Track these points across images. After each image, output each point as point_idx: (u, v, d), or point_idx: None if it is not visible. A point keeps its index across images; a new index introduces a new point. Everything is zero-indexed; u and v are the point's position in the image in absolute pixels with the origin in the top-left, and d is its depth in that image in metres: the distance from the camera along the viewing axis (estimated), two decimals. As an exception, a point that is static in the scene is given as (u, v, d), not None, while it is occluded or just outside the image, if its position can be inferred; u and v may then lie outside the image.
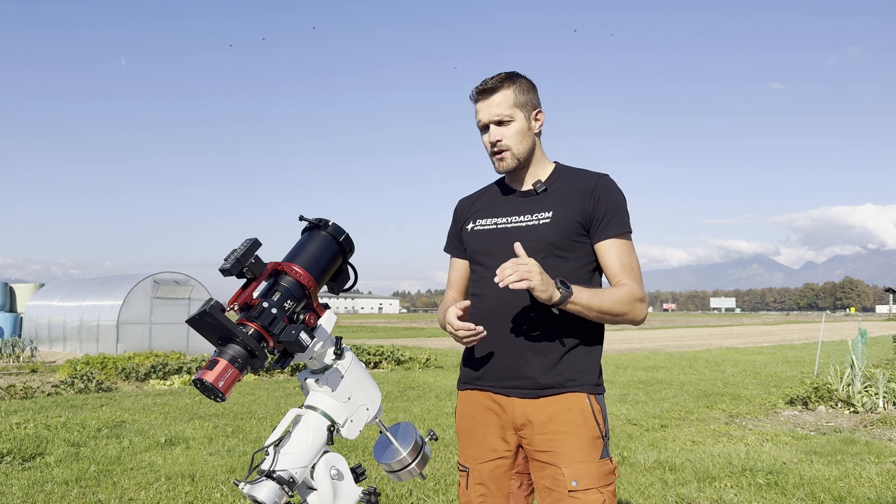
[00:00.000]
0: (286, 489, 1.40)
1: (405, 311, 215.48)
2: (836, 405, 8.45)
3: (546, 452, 1.93)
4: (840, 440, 6.46)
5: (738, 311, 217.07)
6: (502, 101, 2.00)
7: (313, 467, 1.49)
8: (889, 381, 8.40)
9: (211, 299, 1.34)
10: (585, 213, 2.00)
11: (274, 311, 1.41)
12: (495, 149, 2.03)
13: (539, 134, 2.10)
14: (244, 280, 1.43)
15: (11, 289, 24.04)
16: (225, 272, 1.38)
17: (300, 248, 1.53)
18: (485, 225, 2.12)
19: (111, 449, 6.05)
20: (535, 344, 1.96)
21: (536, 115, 2.07)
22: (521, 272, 1.76)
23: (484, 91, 2.02)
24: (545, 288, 1.79)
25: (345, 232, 1.56)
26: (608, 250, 2.00)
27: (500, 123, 2.02)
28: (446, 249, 2.29)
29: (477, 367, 2.06)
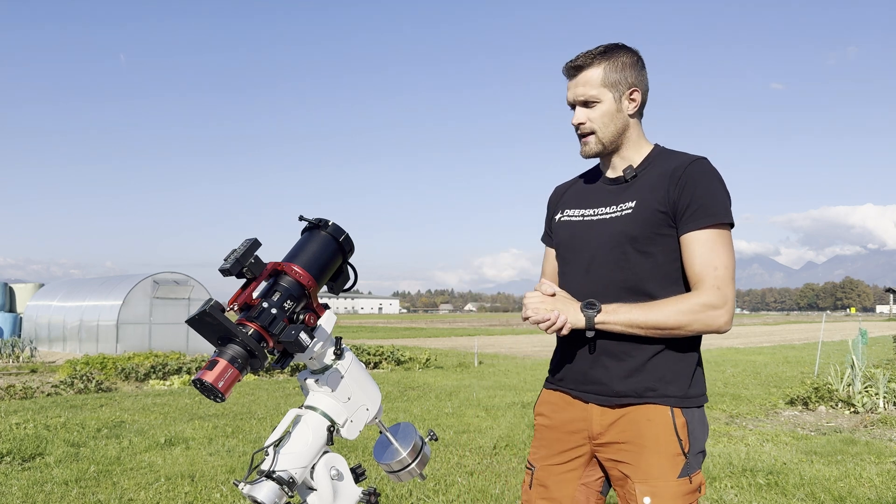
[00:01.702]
0: (286, 489, 1.40)
1: (405, 311, 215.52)
2: (837, 405, 8.45)
3: (621, 464, 1.80)
4: (840, 440, 6.46)
5: (738, 311, 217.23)
6: (588, 81, 1.83)
7: (313, 467, 1.48)
8: (889, 382, 8.40)
9: (211, 299, 1.34)
10: (670, 201, 1.78)
11: (274, 311, 1.40)
12: (578, 132, 1.88)
13: (636, 115, 1.89)
14: (244, 280, 1.43)
15: (11, 289, 24.05)
16: (225, 272, 1.37)
17: (300, 248, 1.53)
18: (571, 216, 1.97)
19: (111, 449, 6.05)
20: (613, 348, 1.80)
21: (632, 94, 1.86)
22: (530, 308, 1.75)
23: (572, 68, 1.86)
24: (565, 318, 1.72)
25: (344, 232, 1.56)
26: (691, 245, 1.77)
27: (585, 104, 1.85)
28: (542, 238, 2.13)
29: (559, 366, 1.95)
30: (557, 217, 2.03)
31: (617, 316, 1.73)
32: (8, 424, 7.17)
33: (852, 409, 8.19)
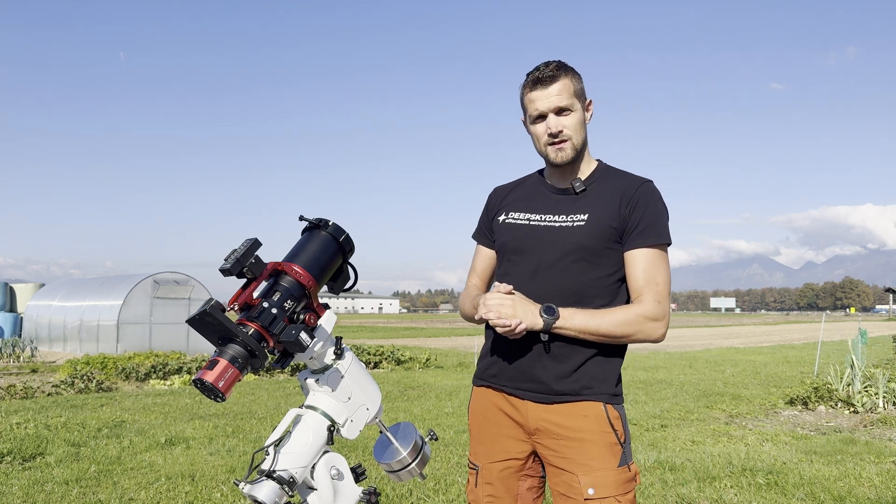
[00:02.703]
0: (286, 489, 1.40)
1: (405, 311, 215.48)
2: (836, 405, 8.45)
3: (562, 458, 1.88)
4: (840, 440, 6.46)
5: (738, 311, 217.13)
6: (563, 90, 1.91)
7: (313, 467, 1.49)
8: (889, 381, 8.40)
9: (211, 299, 1.34)
10: (621, 219, 1.91)
11: (274, 311, 1.41)
12: (557, 138, 1.93)
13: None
14: (244, 280, 1.43)
15: (11, 289, 24.05)
16: (225, 272, 1.38)
17: (300, 248, 1.53)
18: (517, 219, 2.03)
19: (111, 449, 6.05)
20: (555, 349, 1.89)
21: (588, 105, 1.99)
22: (492, 310, 1.77)
23: (541, 80, 1.92)
24: (524, 326, 1.77)
25: (345, 232, 1.56)
26: (636, 261, 1.90)
27: (559, 113, 1.93)
28: (474, 236, 2.21)
29: (493, 364, 2.00)
30: (501, 218, 2.08)
31: (572, 322, 1.82)
32: (8, 424, 7.18)
33: (852, 409, 8.19)
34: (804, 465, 5.49)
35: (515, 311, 1.78)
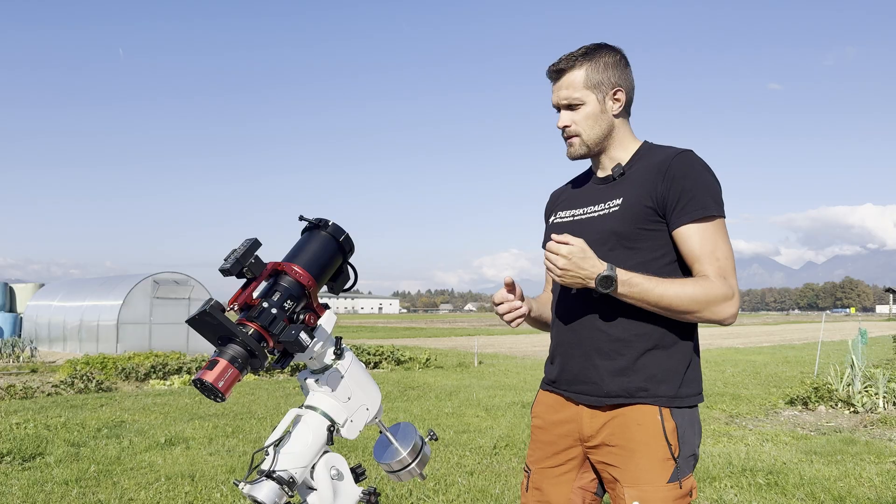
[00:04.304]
0: (286, 489, 1.40)
1: (405, 311, 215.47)
2: (836, 405, 8.45)
3: (611, 467, 1.79)
4: (840, 440, 6.46)
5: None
6: (571, 84, 1.84)
7: (313, 467, 1.48)
8: (889, 381, 8.40)
9: (211, 299, 1.34)
10: (658, 196, 1.76)
11: (274, 311, 1.41)
12: (564, 135, 1.89)
13: (622, 114, 1.89)
14: (244, 280, 1.43)
15: (11, 289, 24.04)
16: (225, 272, 1.38)
17: (300, 248, 1.53)
18: (563, 217, 1.97)
19: (111, 449, 6.05)
20: (603, 346, 1.79)
21: (615, 94, 1.85)
22: (552, 260, 1.68)
23: (554, 72, 1.86)
24: (581, 267, 1.65)
25: (345, 232, 1.56)
26: (687, 238, 1.74)
27: (569, 107, 1.86)
28: (543, 246, 2.11)
29: (553, 367, 1.95)
30: (552, 220, 2.04)
31: (633, 281, 1.68)
32: (8, 424, 7.17)
33: (852, 409, 8.19)
34: (804, 465, 5.49)
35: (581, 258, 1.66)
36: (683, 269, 1.81)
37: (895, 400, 8.19)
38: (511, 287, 1.85)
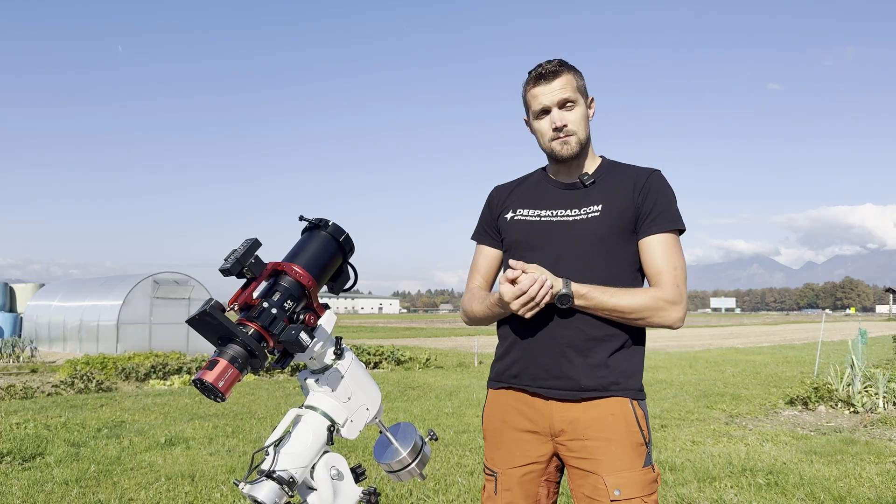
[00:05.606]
0: (286, 489, 1.40)
1: (405, 311, 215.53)
2: (836, 405, 8.45)
3: (586, 460, 1.84)
4: (840, 440, 6.46)
5: (738, 311, 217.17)
6: (566, 85, 1.92)
7: (313, 467, 1.48)
8: (889, 381, 8.40)
9: (211, 299, 1.34)
10: (635, 207, 1.91)
11: (274, 311, 1.41)
12: (562, 133, 1.92)
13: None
14: (244, 280, 1.43)
15: (11, 289, 24.06)
16: (225, 272, 1.38)
17: (300, 248, 1.53)
18: (527, 216, 2.00)
19: (111, 449, 6.05)
20: (578, 343, 1.86)
21: (590, 102, 2.00)
22: (539, 284, 1.72)
23: (544, 75, 1.92)
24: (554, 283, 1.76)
25: (345, 232, 1.56)
26: (652, 247, 1.90)
27: (563, 106, 1.92)
28: (474, 237, 2.16)
29: (513, 364, 1.94)
30: (509, 216, 2.05)
31: (591, 292, 1.81)
32: (8, 424, 7.18)
33: (852, 409, 8.19)
34: (804, 465, 5.49)
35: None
36: (642, 273, 1.95)
37: (895, 400, 8.19)
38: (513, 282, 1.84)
